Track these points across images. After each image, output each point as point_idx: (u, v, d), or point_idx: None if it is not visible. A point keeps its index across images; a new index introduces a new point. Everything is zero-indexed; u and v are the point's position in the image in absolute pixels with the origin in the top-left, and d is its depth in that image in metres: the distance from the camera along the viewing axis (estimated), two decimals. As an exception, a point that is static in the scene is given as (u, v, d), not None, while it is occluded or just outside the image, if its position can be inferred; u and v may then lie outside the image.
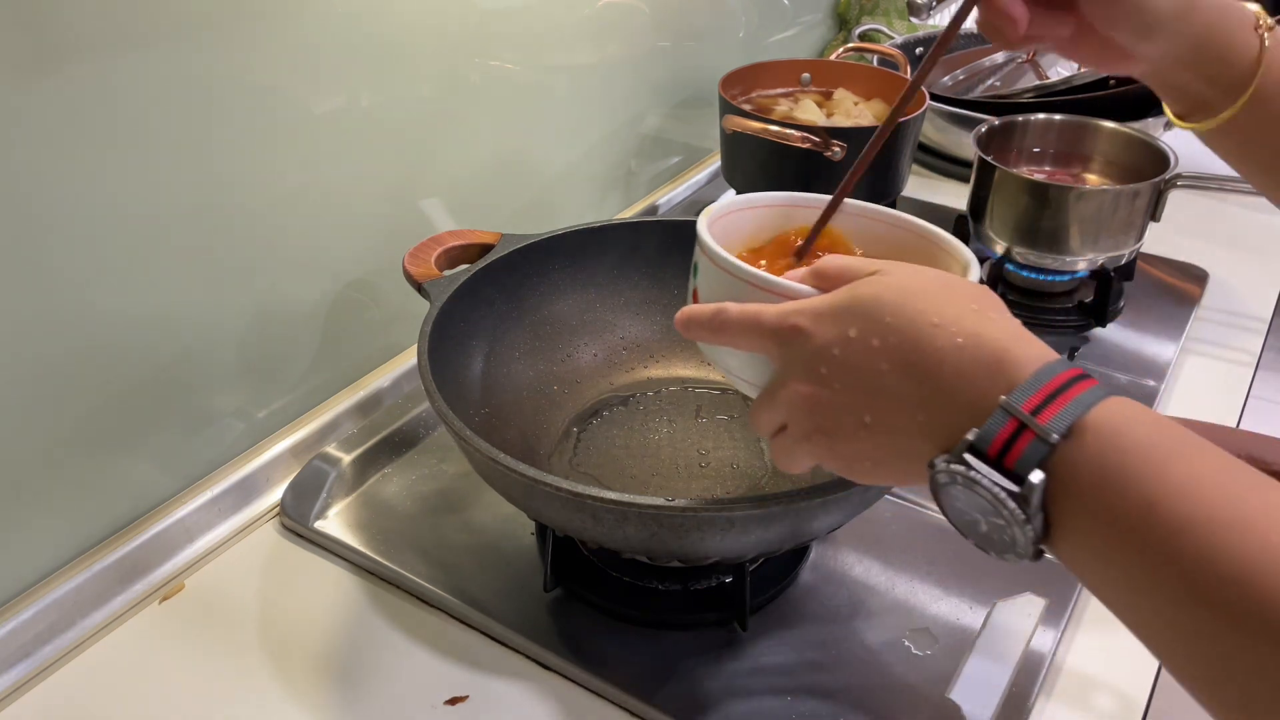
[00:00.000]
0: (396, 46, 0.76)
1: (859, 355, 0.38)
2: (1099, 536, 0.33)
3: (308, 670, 0.60)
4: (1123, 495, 0.32)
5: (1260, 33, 0.51)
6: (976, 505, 0.35)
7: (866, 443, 0.39)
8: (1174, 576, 0.31)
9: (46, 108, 0.55)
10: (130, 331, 0.63)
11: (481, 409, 0.68)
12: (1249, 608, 0.29)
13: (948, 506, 0.37)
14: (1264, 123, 0.52)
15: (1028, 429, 0.33)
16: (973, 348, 0.36)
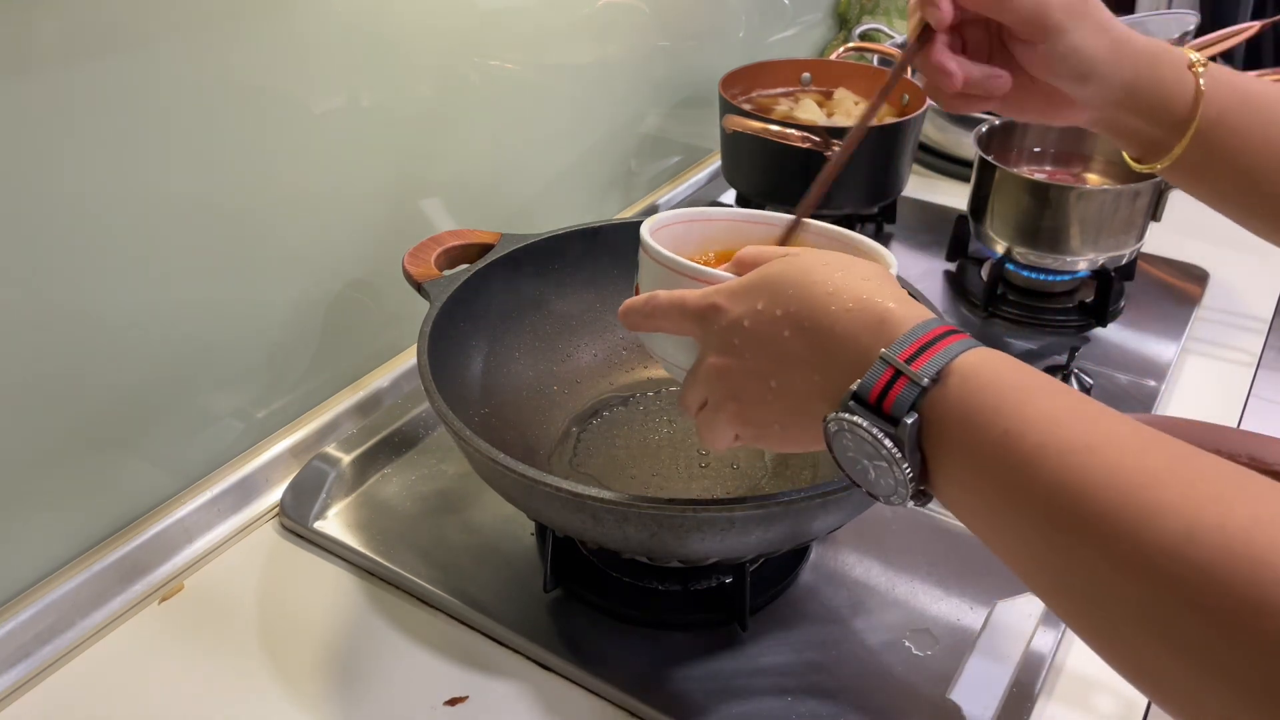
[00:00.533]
0: (396, 46, 0.76)
1: (765, 324, 0.42)
2: (967, 469, 0.36)
3: (307, 670, 0.60)
4: (984, 428, 0.35)
5: (1195, 71, 0.54)
6: (863, 451, 0.38)
7: (774, 406, 0.43)
8: (1032, 501, 0.33)
9: (46, 107, 0.55)
10: (130, 331, 0.63)
11: (481, 409, 0.68)
12: (1099, 527, 0.31)
13: (840, 457, 0.40)
14: (1214, 157, 0.55)
15: (902, 375, 0.36)
16: (859, 311, 0.39)
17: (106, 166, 0.59)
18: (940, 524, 0.70)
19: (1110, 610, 0.31)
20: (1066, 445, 0.33)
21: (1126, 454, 0.32)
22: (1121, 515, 0.31)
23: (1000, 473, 0.34)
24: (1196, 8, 2.05)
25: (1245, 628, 0.28)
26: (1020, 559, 0.36)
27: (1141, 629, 0.30)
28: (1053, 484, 0.33)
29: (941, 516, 0.70)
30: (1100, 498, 0.31)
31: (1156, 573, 0.30)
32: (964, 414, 0.36)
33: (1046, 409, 0.34)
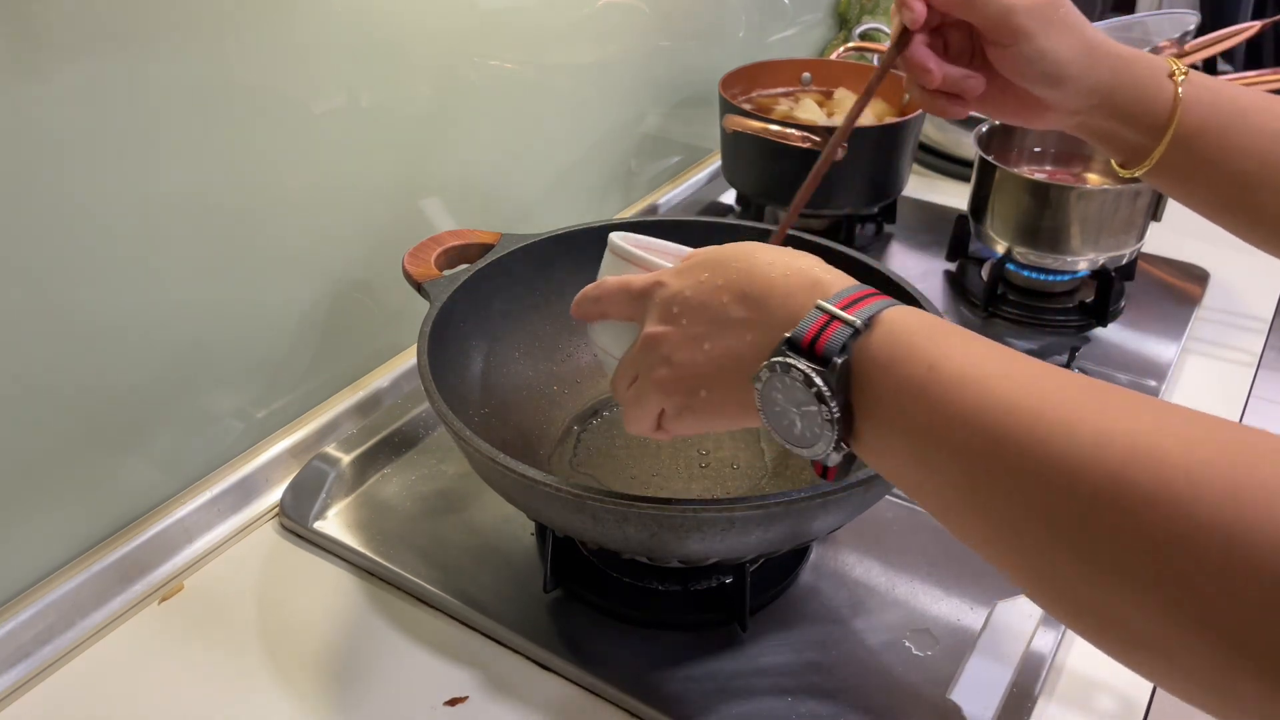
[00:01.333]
0: (396, 46, 0.76)
1: (707, 292, 0.44)
2: (892, 408, 0.37)
3: (307, 670, 0.60)
4: (909, 364, 0.37)
5: (1175, 79, 0.55)
6: (793, 398, 0.40)
7: (706, 368, 0.44)
8: (953, 427, 0.35)
9: (46, 107, 0.55)
10: (130, 331, 0.63)
11: (481, 409, 0.68)
12: (1017, 443, 0.33)
13: (768, 412, 0.41)
14: (1196, 163, 0.56)
15: (835, 320, 0.39)
16: (796, 276, 0.42)
17: (106, 166, 0.59)
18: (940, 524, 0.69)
19: (1029, 528, 0.33)
20: (986, 374, 0.35)
21: (1042, 378, 0.35)
22: (1037, 428, 0.33)
23: (924, 405, 0.36)
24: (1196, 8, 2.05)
25: (1144, 523, 0.29)
26: (942, 494, 0.37)
27: (1056, 540, 0.32)
28: (973, 408, 0.35)
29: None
30: (1017, 414, 0.33)
31: (1071, 480, 0.31)
32: (891, 355, 0.38)
33: (968, 349, 0.37)
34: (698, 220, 0.77)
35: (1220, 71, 1.68)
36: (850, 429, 0.39)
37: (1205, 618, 0.28)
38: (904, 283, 0.66)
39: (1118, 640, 0.32)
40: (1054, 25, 0.54)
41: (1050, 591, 0.33)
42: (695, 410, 0.46)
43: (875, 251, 1.07)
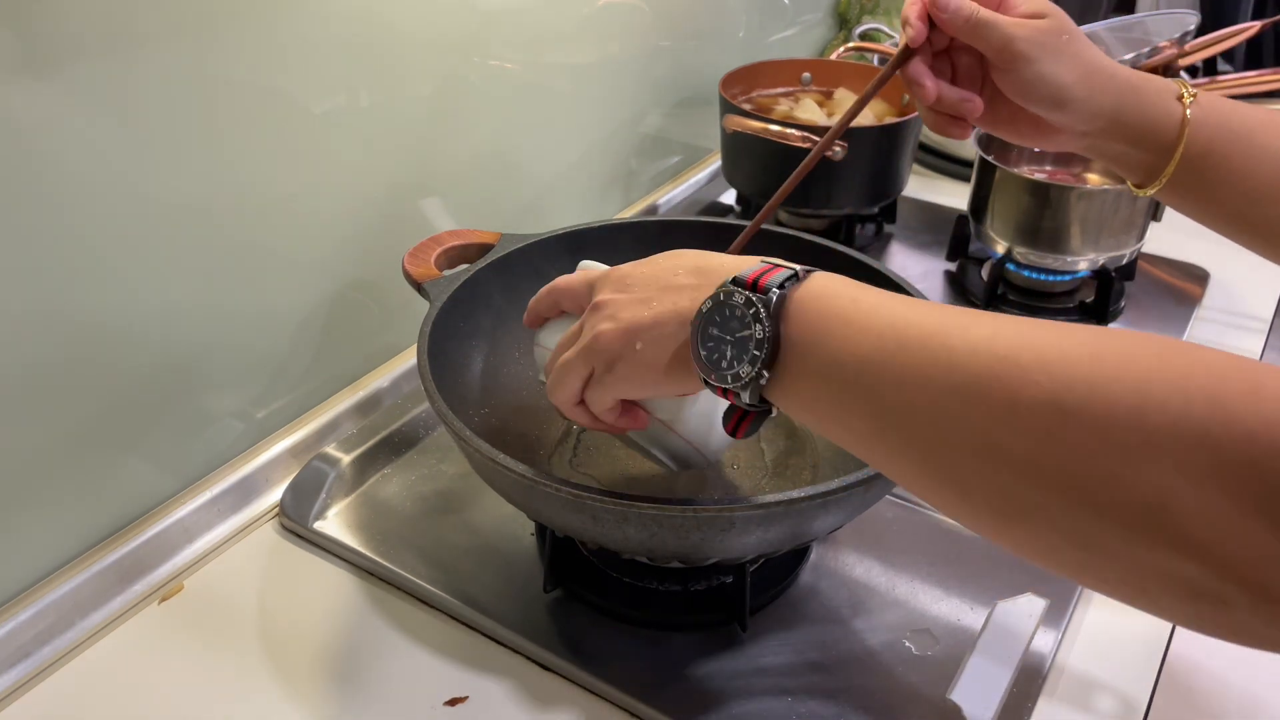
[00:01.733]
0: (396, 46, 0.76)
1: (661, 268, 0.48)
2: (818, 331, 0.41)
3: (307, 671, 0.60)
4: (836, 297, 0.41)
5: (1183, 101, 0.57)
6: (727, 326, 0.43)
7: (646, 319, 0.46)
8: (869, 338, 0.39)
9: (46, 107, 0.55)
10: (130, 331, 0.63)
11: (481, 409, 0.68)
12: (920, 347, 0.37)
13: (702, 343, 0.44)
14: (1206, 181, 0.57)
15: (777, 267, 0.43)
16: (744, 260, 0.46)
17: (106, 167, 0.59)
18: (940, 524, 0.70)
19: (928, 419, 0.36)
20: (902, 303, 0.40)
21: (952, 309, 0.39)
22: (938, 334, 0.37)
23: (841, 323, 0.40)
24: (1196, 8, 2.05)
25: (1015, 414, 0.34)
26: (859, 417, 0.40)
27: (951, 429, 0.36)
28: (885, 322, 0.39)
29: (941, 516, 0.70)
30: (921, 324, 0.38)
31: (963, 378, 0.36)
32: (821, 291, 0.42)
33: (891, 294, 0.41)
34: (698, 220, 0.77)
35: (1220, 71, 1.68)
36: (776, 358, 0.42)
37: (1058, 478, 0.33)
38: (904, 283, 0.66)
39: (1006, 517, 0.35)
40: (1056, 51, 0.55)
41: (949, 483, 0.37)
42: (626, 364, 0.47)
43: (875, 251, 1.07)
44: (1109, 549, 0.32)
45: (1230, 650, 0.63)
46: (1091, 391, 0.32)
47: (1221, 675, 0.62)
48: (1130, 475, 0.31)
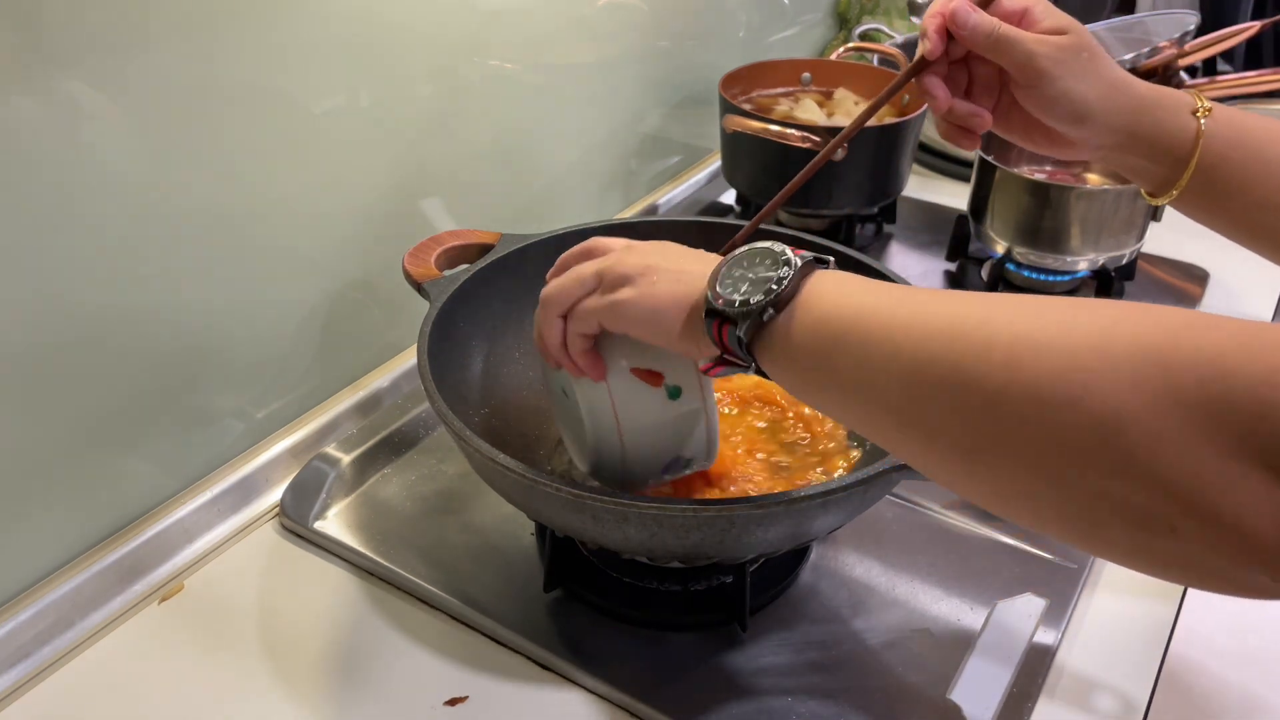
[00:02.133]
0: (396, 46, 0.76)
1: (671, 246, 0.51)
2: (830, 290, 0.43)
3: (308, 670, 0.60)
4: (847, 280, 0.44)
5: (1198, 115, 0.57)
6: (752, 266, 0.46)
7: (669, 263, 0.49)
8: (878, 304, 0.41)
9: (45, 107, 0.55)
10: (130, 331, 0.63)
11: (481, 409, 0.68)
12: (929, 309, 0.39)
13: (723, 275, 0.46)
14: (1219, 192, 0.58)
15: (800, 247, 0.47)
16: None
17: (106, 166, 0.59)
18: (940, 524, 0.70)
19: (915, 374, 0.38)
20: (901, 287, 0.43)
21: (960, 295, 0.41)
22: (937, 297, 0.40)
23: (851, 297, 0.42)
24: (1196, 8, 2.05)
25: (990, 350, 0.36)
26: (844, 369, 0.41)
27: (932, 378, 0.38)
28: (894, 292, 0.42)
29: (941, 516, 0.70)
30: (926, 293, 0.41)
31: (947, 323, 0.38)
32: (832, 276, 0.45)
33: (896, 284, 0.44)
34: (697, 220, 0.77)
35: (1220, 71, 1.68)
36: (785, 306, 0.44)
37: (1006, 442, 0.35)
38: (904, 283, 0.66)
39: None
40: (1077, 69, 0.56)
41: (918, 426, 0.39)
42: (633, 288, 0.48)
43: (875, 251, 1.07)
44: (1065, 479, 0.34)
45: (1230, 650, 0.62)
46: (1060, 329, 0.35)
47: (1221, 675, 0.62)
48: (1089, 399, 0.32)
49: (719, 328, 0.45)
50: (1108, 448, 0.32)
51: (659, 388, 0.55)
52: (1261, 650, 0.62)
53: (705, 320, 0.46)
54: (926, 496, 0.71)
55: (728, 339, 0.45)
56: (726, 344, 0.45)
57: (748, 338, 0.44)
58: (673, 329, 0.48)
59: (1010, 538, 0.68)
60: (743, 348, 0.45)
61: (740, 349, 0.45)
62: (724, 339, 0.45)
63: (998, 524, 0.69)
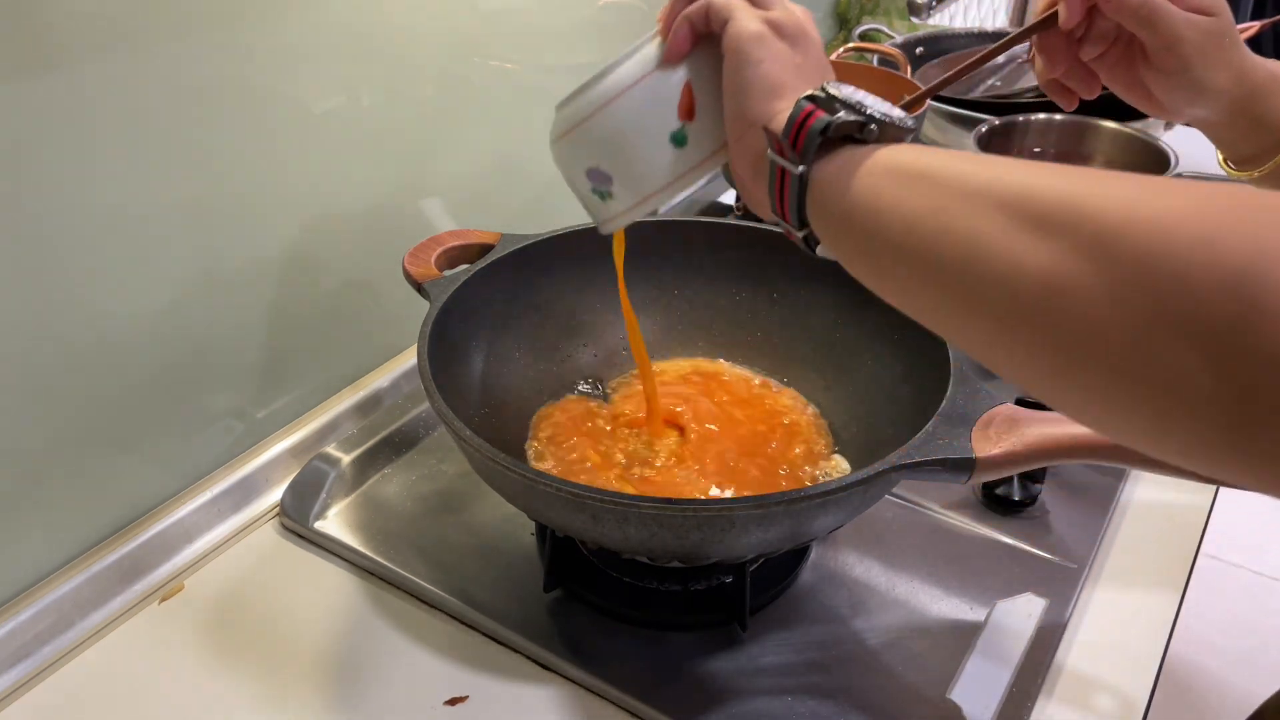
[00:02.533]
0: (396, 46, 0.76)
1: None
2: (893, 150, 0.39)
3: (308, 670, 0.60)
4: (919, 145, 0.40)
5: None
6: (831, 104, 0.41)
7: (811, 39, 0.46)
8: (955, 159, 0.37)
9: (45, 108, 0.55)
10: (130, 332, 0.63)
11: (481, 409, 0.68)
12: (1018, 166, 0.35)
13: (825, 88, 0.42)
14: None
15: None
16: None
17: (106, 166, 0.59)
18: (940, 524, 0.70)
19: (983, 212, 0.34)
20: (951, 155, 0.38)
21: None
22: (1023, 163, 0.35)
23: (900, 159, 0.38)
24: (1196, 8, 2.04)
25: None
26: (907, 213, 0.37)
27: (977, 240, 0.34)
28: (968, 155, 0.37)
29: (941, 516, 0.70)
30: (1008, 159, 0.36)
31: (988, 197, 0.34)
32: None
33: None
34: (697, 220, 0.77)
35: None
36: (852, 138, 0.40)
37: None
38: (904, 283, 0.66)
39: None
40: (1216, 57, 0.54)
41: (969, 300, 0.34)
42: (763, 48, 0.45)
43: (875, 251, 1.07)
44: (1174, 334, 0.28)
45: (1230, 650, 0.62)
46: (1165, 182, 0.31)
47: (1221, 675, 0.62)
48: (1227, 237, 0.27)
49: (798, 129, 0.41)
50: (1237, 297, 0.27)
51: (680, 121, 0.49)
52: (1260, 650, 0.63)
53: (789, 120, 0.41)
54: (926, 496, 0.71)
55: (800, 141, 0.40)
56: (787, 150, 0.41)
57: (810, 148, 0.40)
58: (749, 106, 0.44)
59: (1010, 538, 0.68)
60: (801, 183, 0.40)
61: (800, 157, 0.40)
62: (793, 143, 0.41)
63: (998, 524, 0.69)
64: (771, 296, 0.76)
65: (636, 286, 0.77)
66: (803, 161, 0.41)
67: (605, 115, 0.50)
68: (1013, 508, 0.70)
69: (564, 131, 0.52)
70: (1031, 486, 0.71)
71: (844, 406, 0.71)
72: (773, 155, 0.42)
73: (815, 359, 0.74)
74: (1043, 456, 0.52)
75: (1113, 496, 0.71)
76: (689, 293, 0.78)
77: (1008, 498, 0.70)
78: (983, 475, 0.53)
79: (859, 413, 0.70)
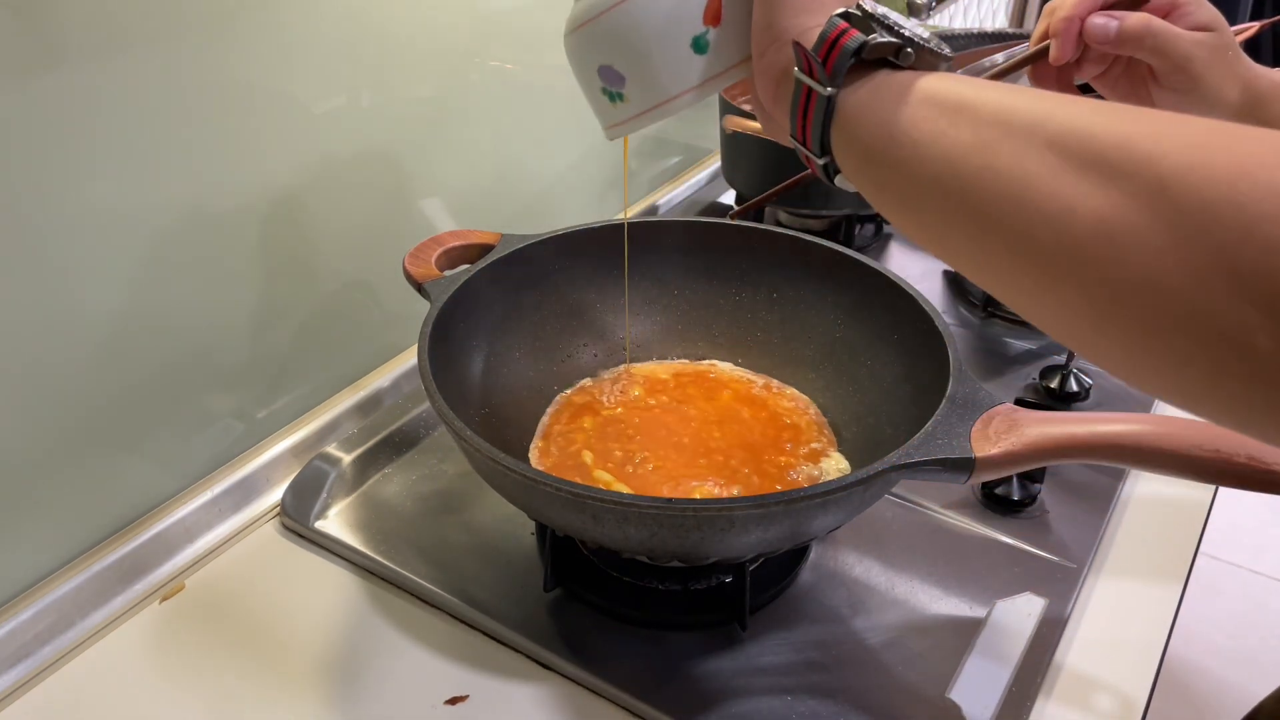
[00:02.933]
0: (396, 46, 0.76)
1: None
2: (925, 77, 0.37)
3: (308, 670, 0.60)
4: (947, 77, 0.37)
5: None
6: (866, 22, 0.39)
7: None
8: (997, 90, 0.35)
9: (45, 107, 0.55)
10: (130, 332, 0.63)
11: (481, 409, 0.68)
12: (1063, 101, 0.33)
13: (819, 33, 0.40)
14: None
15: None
16: None
17: (106, 166, 0.59)
18: (940, 524, 0.70)
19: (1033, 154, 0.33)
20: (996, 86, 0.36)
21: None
22: (1067, 99, 0.33)
23: (939, 88, 0.36)
24: (1196, 8, 2.04)
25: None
26: (946, 143, 0.35)
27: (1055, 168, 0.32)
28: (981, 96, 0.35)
29: (941, 516, 0.70)
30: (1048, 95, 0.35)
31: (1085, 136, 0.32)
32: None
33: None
34: (697, 220, 0.77)
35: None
36: (882, 63, 0.38)
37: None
38: (904, 283, 0.66)
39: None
40: (1223, 69, 0.55)
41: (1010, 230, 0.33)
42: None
43: (875, 252, 1.07)
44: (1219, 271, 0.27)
45: (1228, 650, 0.62)
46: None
47: (1220, 675, 0.62)
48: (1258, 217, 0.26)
49: (831, 44, 0.39)
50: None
51: (704, 26, 0.47)
52: (1260, 650, 0.63)
53: (826, 28, 0.39)
54: (926, 496, 0.72)
55: (833, 60, 0.38)
56: (816, 70, 0.39)
57: (840, 71, 0.38)
58: (774, 25, 0.42)
59: (1010, 537, 0.68)
60: (825, 115, 0.39)
61: (831, 81, 0.39)
62: (825, 61, 0.39)
63: (998, 524, 0.69)
64: (771, 296, 0.76)
65: (637, 286, 0.78)
66: (832, 83, 0.38)
67: (626, 9, 0.47)
68: (1012, 507, 0.70)
69: (581, 23, 0.49)
70: (1031, 486, 0.71)
71: (844, 406, 0.71)
72: (799, 74, 0.40)
73: (815, 359, 0.74)
74: (1042, 456, 0.52)
75: (1112, 496, 0.72)
76: (689, 293, 0.78)
77: (1007, 497, 0.70)
78: (982, 475, 0.53)
79: (859, 413, 0.70)
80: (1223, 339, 0.27)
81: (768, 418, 0.71)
